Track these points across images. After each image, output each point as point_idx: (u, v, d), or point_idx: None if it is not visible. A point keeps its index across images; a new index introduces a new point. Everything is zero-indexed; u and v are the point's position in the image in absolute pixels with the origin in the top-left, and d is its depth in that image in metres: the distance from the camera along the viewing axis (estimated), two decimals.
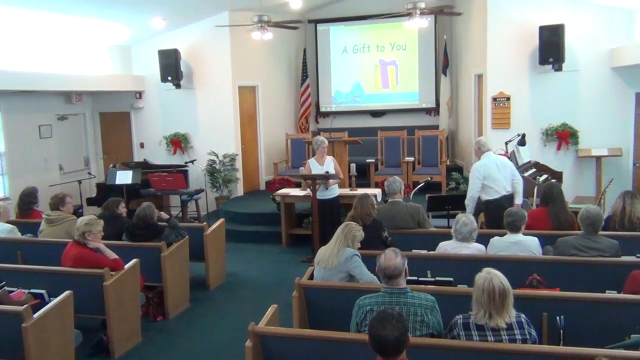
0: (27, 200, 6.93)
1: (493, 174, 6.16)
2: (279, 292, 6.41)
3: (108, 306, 4.84)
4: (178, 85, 10.47)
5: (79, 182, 9.46)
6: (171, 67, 10.27)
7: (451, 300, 3.79)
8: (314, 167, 7.50)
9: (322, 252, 4.46)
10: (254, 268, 7.62)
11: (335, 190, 7.54)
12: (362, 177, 9.79)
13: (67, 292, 4.40)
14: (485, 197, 6.23)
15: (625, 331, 3.34)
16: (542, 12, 8.87)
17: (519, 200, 6.23)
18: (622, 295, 3.86)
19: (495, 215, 5.73)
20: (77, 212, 8.11)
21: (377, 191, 8.04)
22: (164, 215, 6.35)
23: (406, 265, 3.47)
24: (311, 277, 4.56)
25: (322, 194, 7.39)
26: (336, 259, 4.30)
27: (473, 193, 6.21)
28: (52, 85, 9.16)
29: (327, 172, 7.35)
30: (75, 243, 5.11)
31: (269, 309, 3.83)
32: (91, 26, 9.24)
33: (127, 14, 9.08)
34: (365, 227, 5.10)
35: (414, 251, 5.14)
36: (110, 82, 10.37)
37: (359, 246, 4.50)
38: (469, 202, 6.20)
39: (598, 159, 8.93)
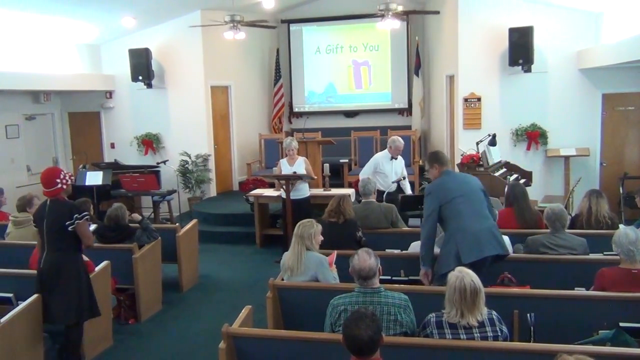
0: None
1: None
2: (253, 293, 6.39)
3: None
4: (149, 85, 10.34)
5: None
6: (142, 66, 10.15)
7: (424, 299, 3.82)
8: (284, 167, 7.49)
9: (287, 260, 4.38)
10: (228, 269, 7.57)
11: (305, 191, 7.53)
12: (336, 177, 9.81)
13: (35, 296, 4.31)
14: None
15: (593, 327, 3.41)
16: (511, 15, 8.99)
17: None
18: (590, 293, 3.94)
19: None
20: None
21: (351, 191, 8.08)
22: (136, 216, 6.27)
23: (379, 264, 3.49)
24: None
25: (291, 194, 7.37)
26: (301, 264, 4.25)
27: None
28: (19, 85, 8.96)
29: (294, 172, 7.34)
30: None
31: (243, 310, 3.81)
32: (59, 24, 9.06)
33: (96, 12, 8.92)
34: (340, 226, 5.11)
35: (387, 251, 5.16)
36: (79, 82, 10.18)
37: (322, 239, 4.43)
38: None
39: (566, 158, 9.09)
